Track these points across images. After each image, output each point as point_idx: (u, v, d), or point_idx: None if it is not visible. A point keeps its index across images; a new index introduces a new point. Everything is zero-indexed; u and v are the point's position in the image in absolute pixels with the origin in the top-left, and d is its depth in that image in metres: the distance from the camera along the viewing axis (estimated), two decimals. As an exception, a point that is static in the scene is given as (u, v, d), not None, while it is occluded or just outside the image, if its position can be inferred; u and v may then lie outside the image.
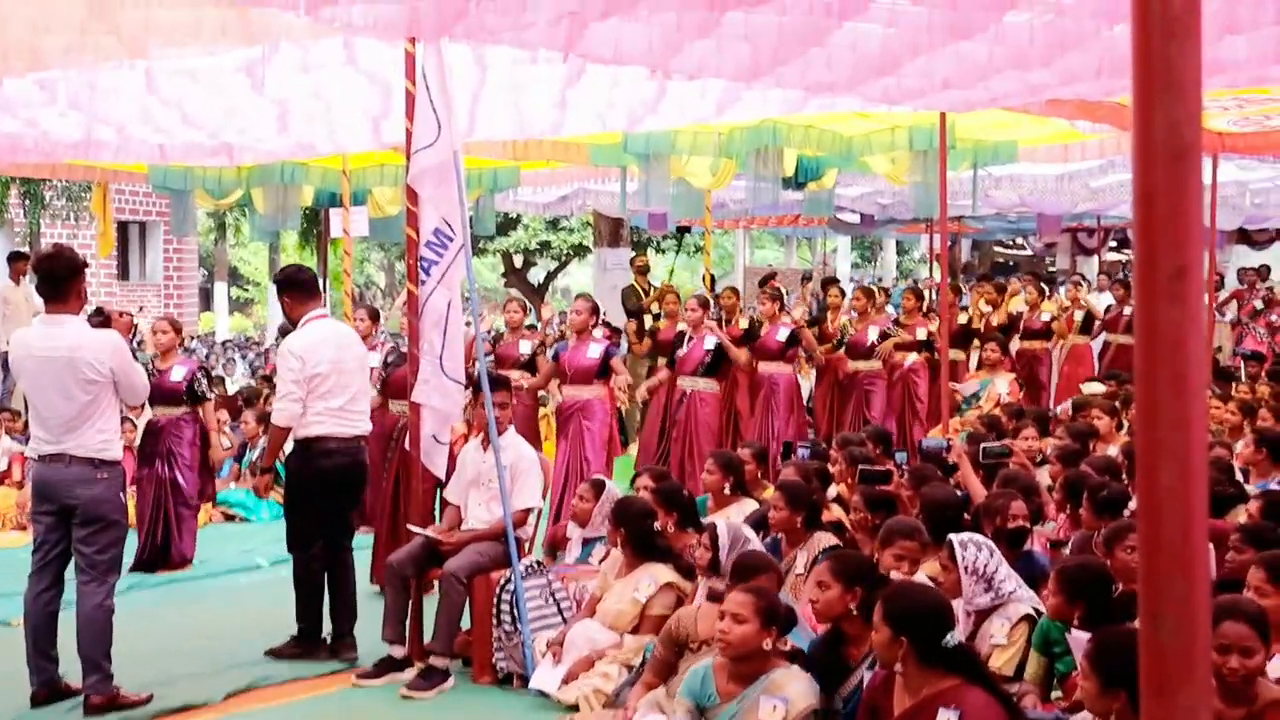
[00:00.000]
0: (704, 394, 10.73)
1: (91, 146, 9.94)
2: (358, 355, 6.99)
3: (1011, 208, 20.55)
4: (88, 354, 5.98)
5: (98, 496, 6.03)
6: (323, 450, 6.80)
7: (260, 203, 13.73)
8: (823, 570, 4.80)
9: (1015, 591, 4.96)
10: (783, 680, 4.53)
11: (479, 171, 13.55)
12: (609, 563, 6.51)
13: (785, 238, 35.69)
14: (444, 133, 6.53)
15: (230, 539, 10.59)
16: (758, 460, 7.91)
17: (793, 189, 12.78)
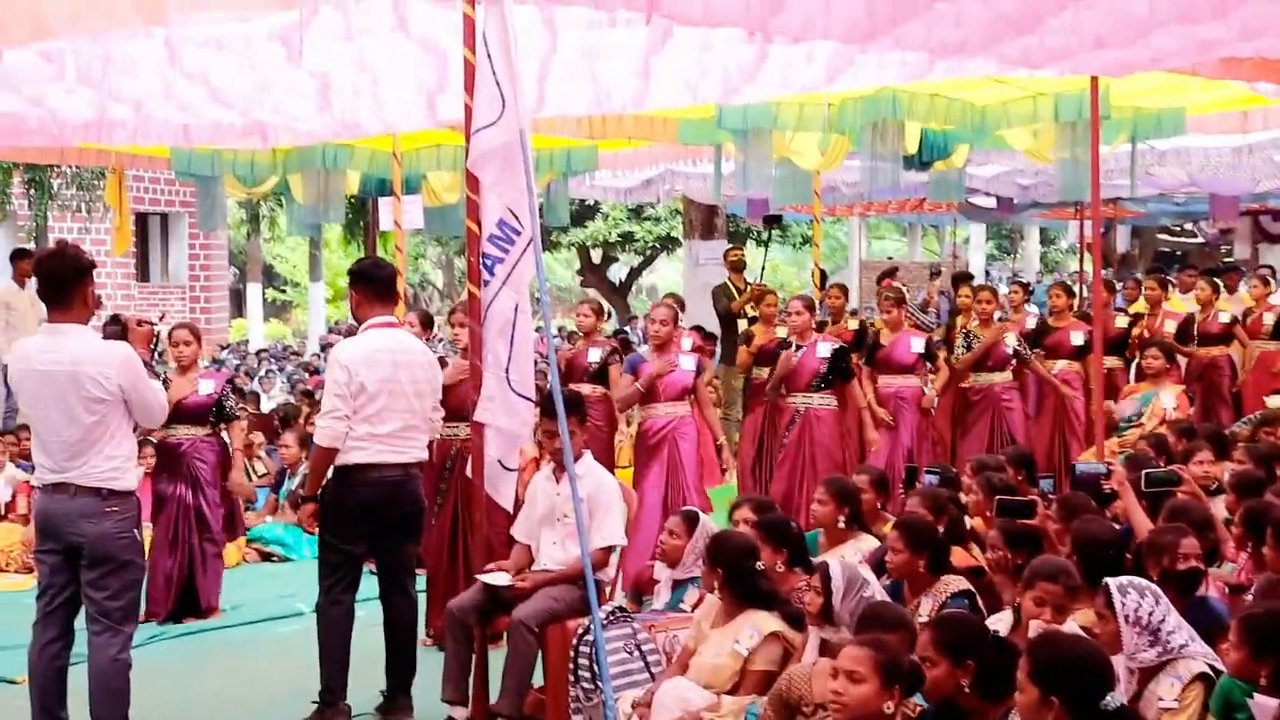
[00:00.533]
0: (819, 411, 10.67)
1: (105, 127, 10.11)
2: (421, 378, 6.97)
3: (1178, 188, 20.26)
4: (92, 368, 6.00)
5: (106, 533, 6.05)
6: (363, 480, 6.80)
7: (299, 191, 13.90)
8: (925, 643, 4.74)
9: (1187, 646, 4.87)
10: (910, 751, 4.50)
11: (550, 153, 13.62)
12: (704, 609, 6.49)
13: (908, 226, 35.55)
14: (508, 108, 6.56)
15: (267, 581, 10.75)
16: (876, 488, 7.84)
17: (916, 169, 12.69)
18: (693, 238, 20.20)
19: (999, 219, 28.08)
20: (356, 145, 13.21)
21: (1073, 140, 10.88)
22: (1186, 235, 34.27)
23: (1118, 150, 12.86)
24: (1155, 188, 19.97)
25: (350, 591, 6.96)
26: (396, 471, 6.85)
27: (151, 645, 8.75)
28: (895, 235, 45.86)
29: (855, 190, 18.71)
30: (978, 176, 17.93)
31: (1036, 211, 24.81)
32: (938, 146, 12.25)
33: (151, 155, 13.69)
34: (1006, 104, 11.19)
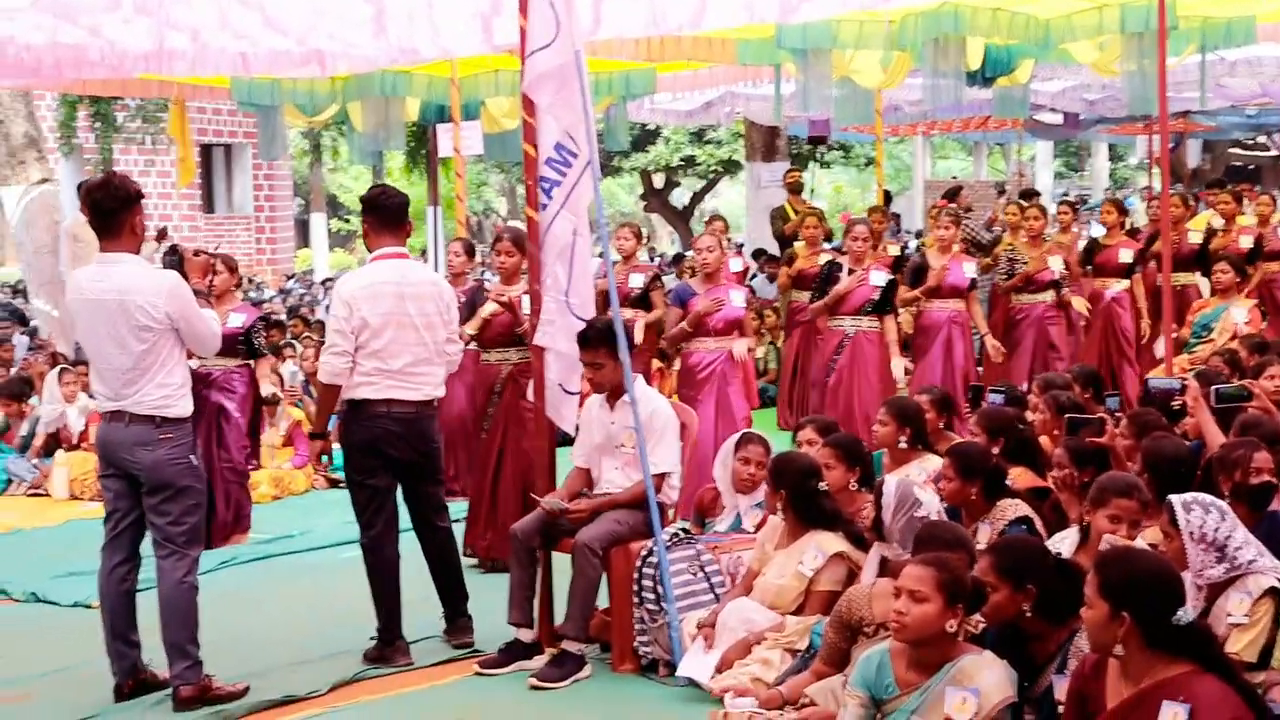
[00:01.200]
0: (869, 334, 10.63)
1: (164, 57, 10.09)
2: (430, 310, 6.76)
3: (1250, 99, 19.95)
4: (140, 296, 6.03)
5: (160, 460, 6.11)
6: (371, 414, 6.73)
7: (358, 119, 13.90)
8: (985, 567, 4.74)
9: (1256, 561, 4.82)
10: (973, 668, 4.47)
11: (608, 76, 13.54)
12: (767, 531, 6.49)
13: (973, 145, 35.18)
14: (563, 29, 6.52)
15: (334, 507, 10.79)
16: (939, 408, 7.77)
17: (979, 86, 12.55)
18: (754, 160, 20.07)
19: (1066, 135, 27.76)
20: (415, 72, 13.18)
21: (1139, 52, 10.69)
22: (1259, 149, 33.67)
23: (1186, 61, 12.63)
24: (1226, 99, 19.66)
25: (386, 528, 6.90)
26: (409, 409, 6.74)
27: (223, 570, 8.87)
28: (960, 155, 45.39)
29: (918, 109, 18.55)
30: (1043, 92, 17.71)
31: (1104, 127, 24.50)
32: (1001, 62, 12.10)
33: (212, 86, 13.73)
34: (1071, 16, 11.00)
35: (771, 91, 13.83)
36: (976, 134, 27.40)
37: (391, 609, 6.91)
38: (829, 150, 32.84)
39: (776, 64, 12.65)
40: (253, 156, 30.48)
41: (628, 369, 6.67)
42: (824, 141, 15.78)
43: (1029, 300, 11.77)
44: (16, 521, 10.73)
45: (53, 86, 17.05)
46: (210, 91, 14.36)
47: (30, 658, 7.16)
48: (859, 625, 5.28)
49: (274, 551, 9.43)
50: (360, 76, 13.02)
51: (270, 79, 12.80)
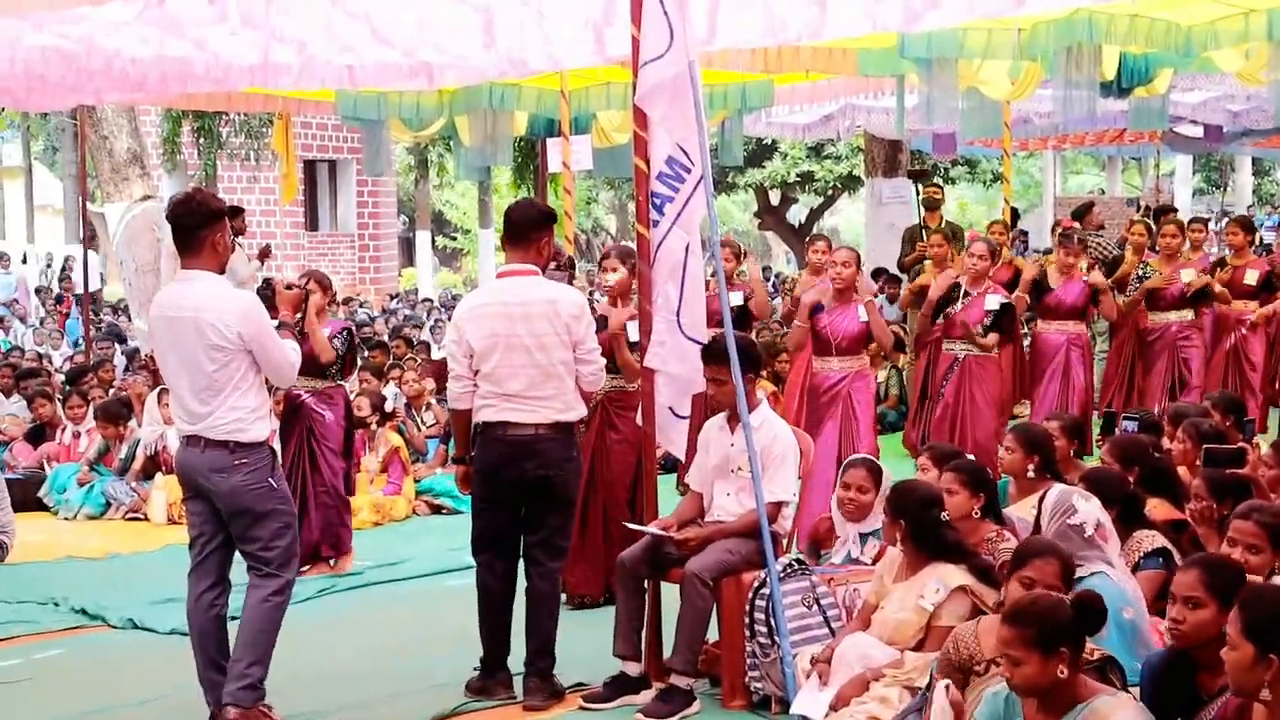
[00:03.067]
0: (983, 358, 10.54)
1: (270, 70, 10.27)
2: (543, 330, 6.62)
3: (1407, 111, 19.46)
4: (212, 315, 6.05)
5: (236, 487, 6.12)
6: (491, 437, 6.71)
7: (466, 134, 14.05)
8: (1194, 582, 4.62)
9: None
10: (1106, 710, 4.41)
11: (723, 88, 13.56)
12: (886, 563, 6.43)
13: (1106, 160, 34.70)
14: (677, 40, 6.53)
15: (437, 534, 10.93)
16: (1069, 435, 7.69)
17: (1115, 96, 12.42)
18: (875, 175, 19.98)
19: (1207, 149, 27.35)
20: (524, 84, 13.29)
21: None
22: None
23: (1339, 69, 12.36)
24: (1381, 111, 19.21)
25: (500, 556, 6.84)
26: (526, 431, 6.65)
27: (323, 598, 8.97)
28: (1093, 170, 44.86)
29: (1049, 121, 18.35)
30: (1183, 103, 17.45)
31: (1249, 140, 24.08)
32: (1138, 71, 11.96)
33: (318, 100, 13.96)
34: (1214, 22, 10.82)
35: (893, 104, 13.77)
36: (1111, 148, 27.06)
37: (496, 640, 6.89)
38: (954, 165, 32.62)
39: (899, 75, 12.58)
40: (357, 173, 30.88)
41: (740, 390, 6.65)
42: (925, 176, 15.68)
43: (1161, 320, 11.62)
44: (115, 546, 10.91)
45: (157, 101, 17.41)
46: (315, 106, 14.60)
47: (126, 686, 7.28)
48: (969, 663, 5.22)
49: (374, 579, 9.51)
50: (468, 89, 13.16)
51: (376, 92, 12.98)
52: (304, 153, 27.96)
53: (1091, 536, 5.58)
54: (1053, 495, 5.76)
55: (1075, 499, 5.68)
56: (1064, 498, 5.70)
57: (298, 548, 6.51)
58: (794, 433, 7.21)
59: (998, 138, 14.76)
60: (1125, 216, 21.31)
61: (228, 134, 24.69)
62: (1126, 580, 5.66)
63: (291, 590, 6.38)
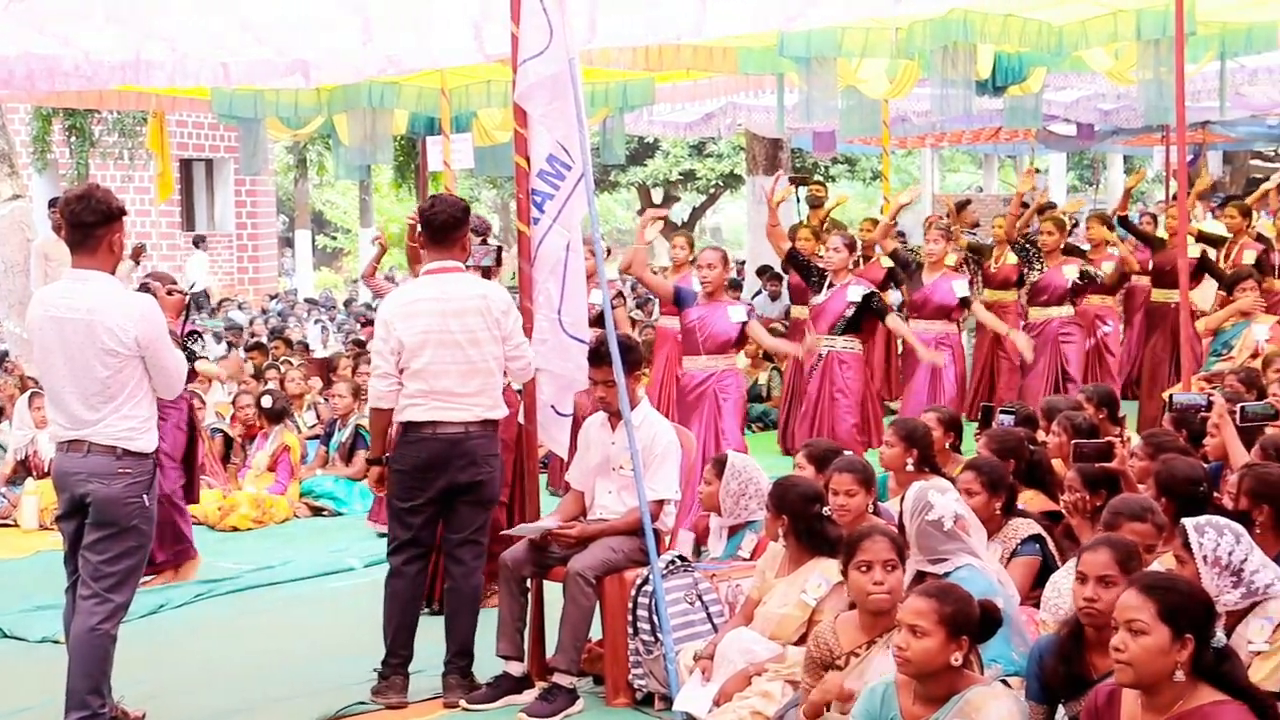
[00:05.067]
0: (845, 355, 10.63)
1: (142, 68, 10.09)
2: (475, 325, 6.57)
3: (1270, 108, 19.99)
4: (110, 318, 5.87)
5: (115, 496, 5.92)
6: (419, 436, 6.64)
7: (345, 132, 13.92)
8: (1107, 561, 4.76)
9: (1274, 585, 4.82)
10: (981, 701, 4.46)
11: (604, 86, 13.57)
12: (768, 558, 6.47)
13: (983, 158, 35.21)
14: (556, 37, 6.54)
15: (317, 536, 10.83)
16: (946, 428, 7.80)
17: (990, 95, 12.58)
18: (756, 174, 20.09)
19: (1080, 147, 27.80)
20: (403, 82, 13.19)
21: (1156, 60, 10.69)
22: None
23: (1205, 69, 12.63)
24: (1246, 109, 19.69)
25: (416, 559, 6.78)
26: (455, 430, 6.61)
27: (199, 602, 8.85)
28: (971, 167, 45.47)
29: (927, 120, 18.58)
30: (1056, 102, 17.74)
31: (1119, 138, 24.52)
32: (1012, 70, 12.12)
33: (193, 98, 13.75)
34: (1084, 23, 11.01)
35: (774, 102, 13.86)
36: (987, 146, 27.40)
37: (402, 642, 6.77)
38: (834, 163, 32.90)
39: (779, 73, 12.67)
40: (235, 172, 30.50)
41: (623, 389, 6.66)
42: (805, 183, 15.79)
43: (1042, 316, 11.79)
44: (-16, 552, 10.68)
45: (26, 99, 17.07)
46: (190, 103, 14.38)
47: (-4, 694, 7.13)
48: (830, 659, 5.27)
49: (252, 583, 9.37)
50: (346, 88, 13.04)
51: (252, 90, 12.83)
52: (180, 151, 27.56)
53: (951, 530, 5.62)
54: (910, 495, 5.77)
55: (930, 495, 5.71)
56: (920, 496, 5.71)
57: (140, 574, 6.27)
58: (676, 430, 7.24)
59: (876, 136, 14.90)
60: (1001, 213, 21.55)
61: (100, 132, 24.28)
62: (995, 571, 5.73)
63: (124, 614, 6.11)
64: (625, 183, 35.67)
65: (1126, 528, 5.40)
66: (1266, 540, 5.26)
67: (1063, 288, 11.81)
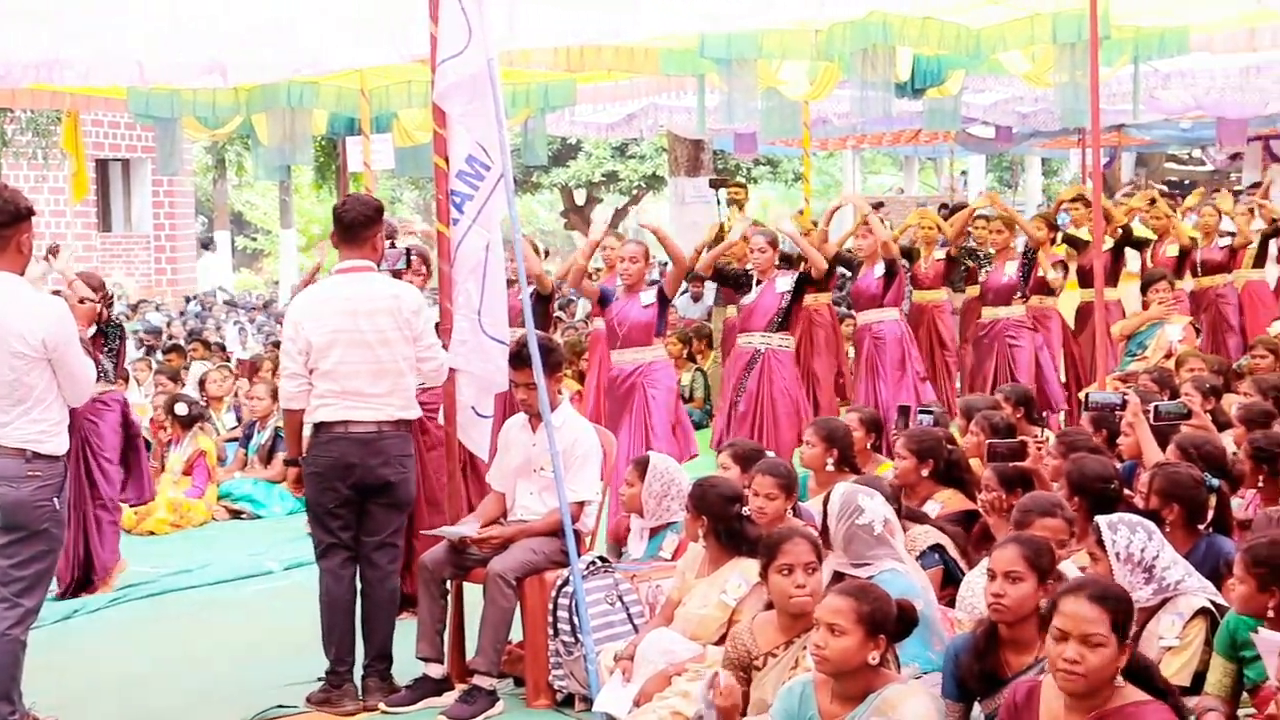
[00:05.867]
0: (781, 353, 10.62)
1: (57, 67, 9.99)
2: (386, 325, 6.53)
3: (1184, 112, 20.18)
4: (17, 321, 5.78)
5: (24, 499, 5.83)
6: (330, 436, 6.58)
7: (264, 132, 13.78)
8: (1014, 557, 4.81)
9: (1184, 581, 4.89)
10: (897, 699, 4.49)
11: (525, 87, 13.52)
12: (688, 559, 6.48)
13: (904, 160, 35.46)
14: (475, 37, 6.53)
15: (236, 539, 10.74)
16: (867, 428, 7.85)
17: (909, 97, 12.65)
18: (678, 175, 20.12)
19: (998, 149, 28.02)
20: (322, 82, 13.10)
21: (1072, 63, 10.79)
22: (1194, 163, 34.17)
23: (1119, 73, 12.78)
24: (1160, 112, 19.89)
25: (345, 562, 6.69)
26: (368, 429, 6.55)
27: (115, 606, 8.76)
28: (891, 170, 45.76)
29: (847, 122, 18.62)
30: (975, 105, 17.87)
31: (1037, 141, 24.77)
32: (931, 73, 12.18)
33: (108, 97, 13.57)
34: (1002, 26, 11.10)
35: (695, 104, 13.86)
36: (907, 148, 27.66)
37: (345, 647, 6.68)
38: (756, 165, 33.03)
39: (700, 75, 12.68)
40: (152, 172, 30.19)
41: (543, 390, 6.65)
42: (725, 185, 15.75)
43: (990, 316, 11.84)
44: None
45: (-64, 97, 16.83)
46: (106, 103, 14.20)
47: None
48: (749, 660, 5.29)
49: (170, 586, 9.28)
50: (264, 87, 12.93)
51: (169, 89, 12.69)
52: (96, 151, 27.26)
53: (881, 534, 5.66)
54: (836, 497, 5.80)
55: (860, 498, 5.74)
56: (849, 499, 5.74)
57: (51, 576, 6.19)
58: (596, 431, 7.24)
59: (797, 138, 14.93)
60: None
61: (13, 132, 23.96)
62: (916, 575, 5.78)
63: (34, 619, 6.03)
64: (548, 184, 35.60)
65: (1037, 524, 5.48)
66: (1176, 538, 5.34)
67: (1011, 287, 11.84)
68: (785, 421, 10.43)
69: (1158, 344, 11.17)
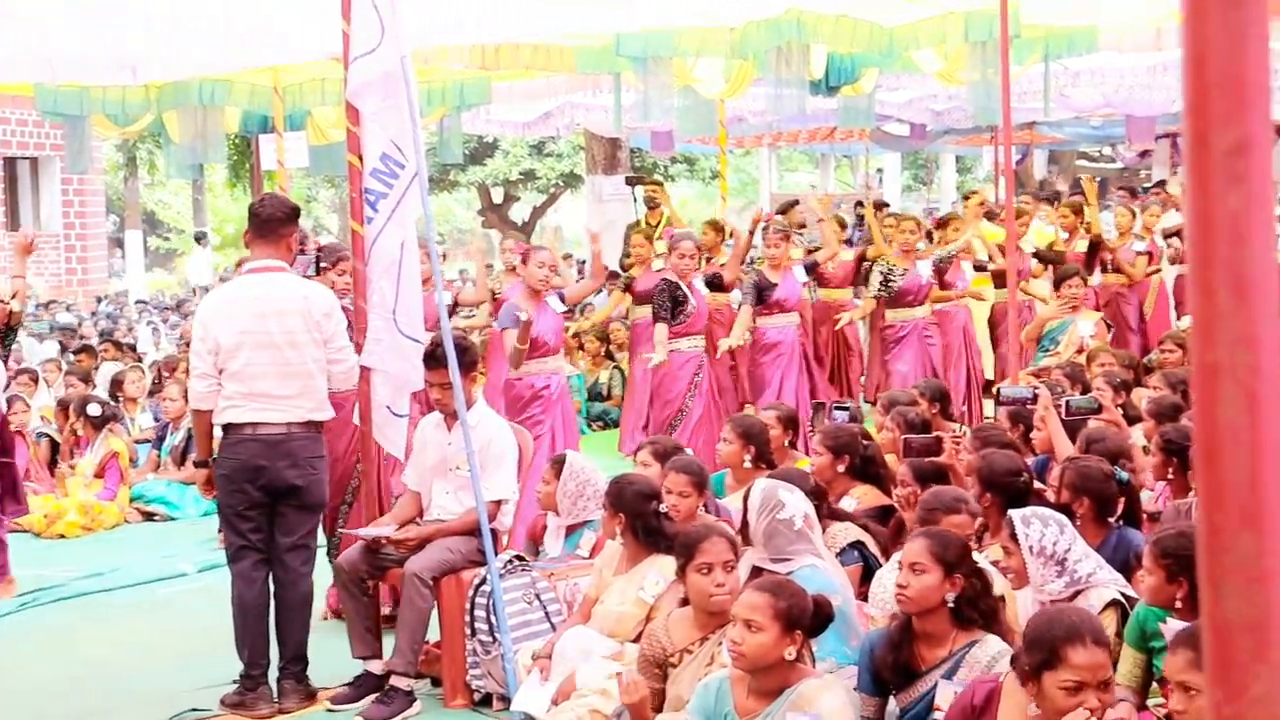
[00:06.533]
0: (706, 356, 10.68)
1: (-41, 62, 9.89)
2: (295, 326, 6.47)
3: (1094, 109, 20.46)
4: None
5: None
6: (239, 438, 6.52)
7: (175, 130, 13.67)
8: (919, 550, 4.85)
9: (1095, 574, 4.95)
10: (813, 693, 4.52)
11: (441, 86, 13.51)
12: (605, 556, 6.49)
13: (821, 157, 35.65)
14: (388, 35, 6.50)
15: (149, 541, 10.63)
16: (784, 425, 7.89)
17: (824, 95, 12.74)
18: (595, 173, 20.15)
19: (913, 147, 28.25)
20: (235, 79, 13.01)
21: (983, 61, 10.94)
22: (1105, 160, 34.61)
23: (1030, 71, 12.93)
24: (1071, 110, 20.16)
25: (258, 565, 6.64)
26: (277, 430, 6.50)
27: (25, 610, 8.64)
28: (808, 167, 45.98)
29: (763, 120, 18.75)
30: (889, 103, 18.02)
31: (951, 138, 24.97)
32: (845, 70, 12.28)
33: (16, 94, 13.42)
34: (914, 25, 11.23)
35: (611, 102, 13.89)
36: (823, 146, 27.77)
37: (260, 651, 6.62)
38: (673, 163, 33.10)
39: (616, 73, 12.71)
40: (61, 170, 29.79)
41: (459, 390, 6.63)
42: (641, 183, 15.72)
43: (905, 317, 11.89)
44: None
45: None
46: (13, 100, 14.05)
47: None
48: (664, 658, 5.31)
49: (82, 590, 9.17)
50: (176, 84, 12.83)
51: (78, 86, 12.56)
52: (3, 149, 26.88)
53: (801, 529, 5.70)
54: (757, 491, 5.82)
55: (780, 493, 5.76)
56: (770, 494, 5.76)
57: None
58: (513, 430, 7.23)
59: (714, 135, 14.99)
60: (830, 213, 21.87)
61: (-82, 130, 23.57)
62: (835, 571, 5.81)
63: None
64: (465, 182, 35.44)
65: (943, 521, 5.52)
66: (1087, 531, 5.40)
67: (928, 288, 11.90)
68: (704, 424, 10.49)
69: (1069, 339, 11.29)
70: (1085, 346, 10.87)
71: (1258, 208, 1.10)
